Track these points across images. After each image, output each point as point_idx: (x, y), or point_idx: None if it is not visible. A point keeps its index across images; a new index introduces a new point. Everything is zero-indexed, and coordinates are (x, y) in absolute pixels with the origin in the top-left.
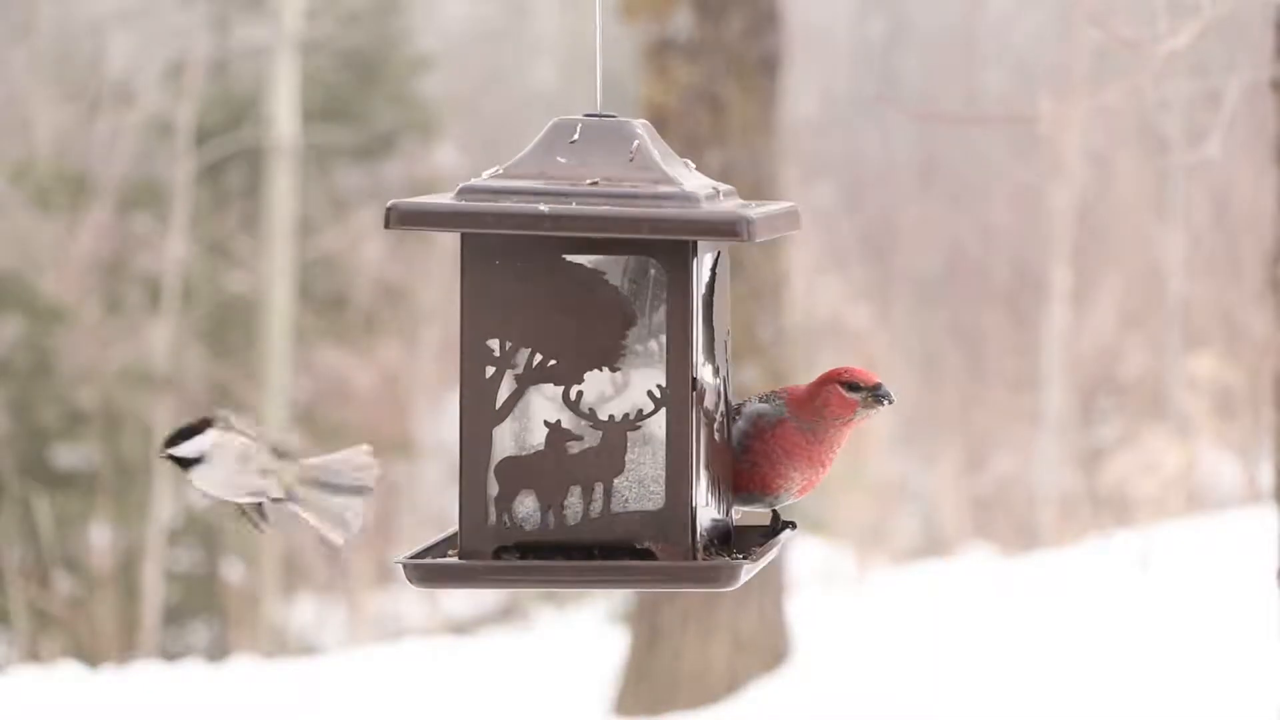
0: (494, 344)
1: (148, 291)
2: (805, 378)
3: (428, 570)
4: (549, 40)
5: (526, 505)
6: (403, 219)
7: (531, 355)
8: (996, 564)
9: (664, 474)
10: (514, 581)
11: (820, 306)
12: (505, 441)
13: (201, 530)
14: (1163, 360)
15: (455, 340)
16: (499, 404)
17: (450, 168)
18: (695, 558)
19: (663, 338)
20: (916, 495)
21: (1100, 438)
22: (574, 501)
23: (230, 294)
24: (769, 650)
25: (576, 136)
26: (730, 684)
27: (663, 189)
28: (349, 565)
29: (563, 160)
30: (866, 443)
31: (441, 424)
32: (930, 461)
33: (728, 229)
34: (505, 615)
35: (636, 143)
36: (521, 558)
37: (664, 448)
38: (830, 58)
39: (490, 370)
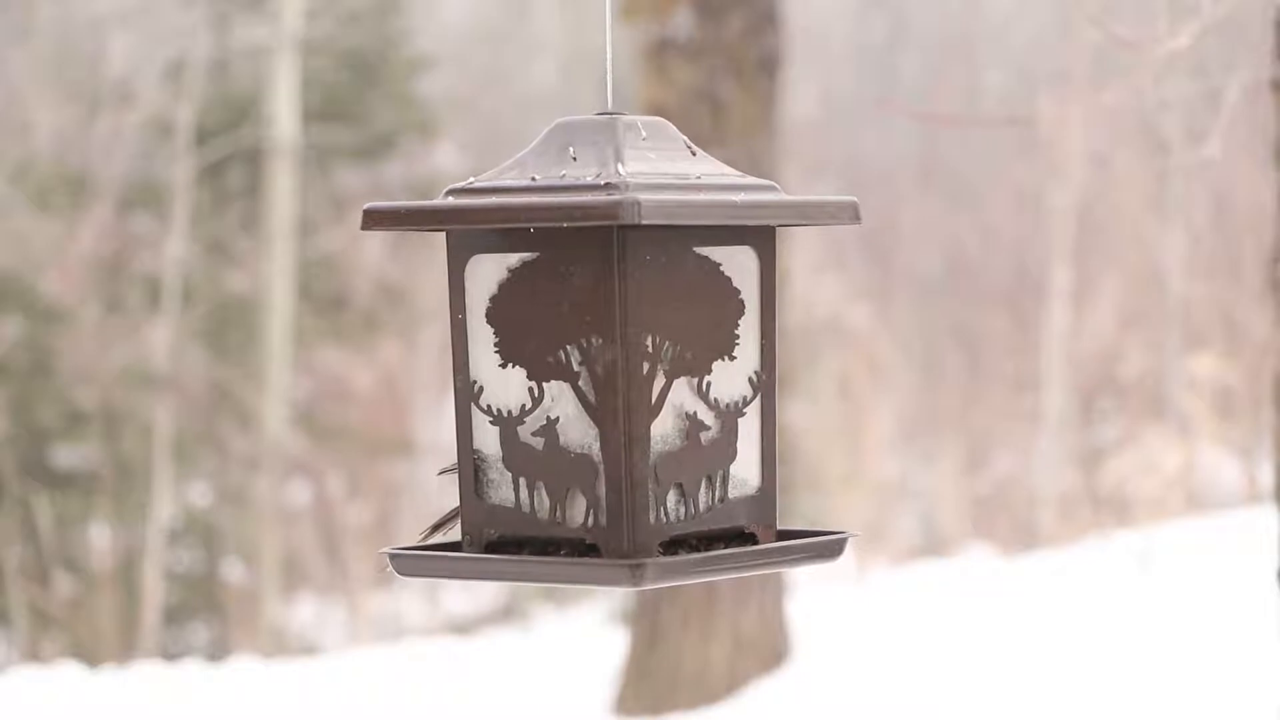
0: (648, 340)
1: (148, 291)
2: (805, 378)
3: (654, 569)
4: (549, 40)
5: (671, 499)
6: (649, 214)
7: (673, 348)
8: (996, 564)
9: (759, 458)
10: (687, 575)
11: (820, 306)
12: (657, 436)
13: (201, 530)
14: (1163, 360)
15: (609, 338)
16: (654, 400)
17: (450, 168)
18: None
19: (758, 325)
20: (916, 495)
21: (1100, 438)
22: (703, 491)
23: (230, 294)
24: (769, 650)
25: (645, 135)
26: (730, 684)
27: (749, 180)
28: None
29: (653, 156)
30: (866, 443)
31: (442, 424)
32: (930, 461)
33: (849, 214)
34: (505, 615)
35: (684, 139)
36: (664, 552)
37: (759, 432)
38: (830, 58)
39: (646, 366)
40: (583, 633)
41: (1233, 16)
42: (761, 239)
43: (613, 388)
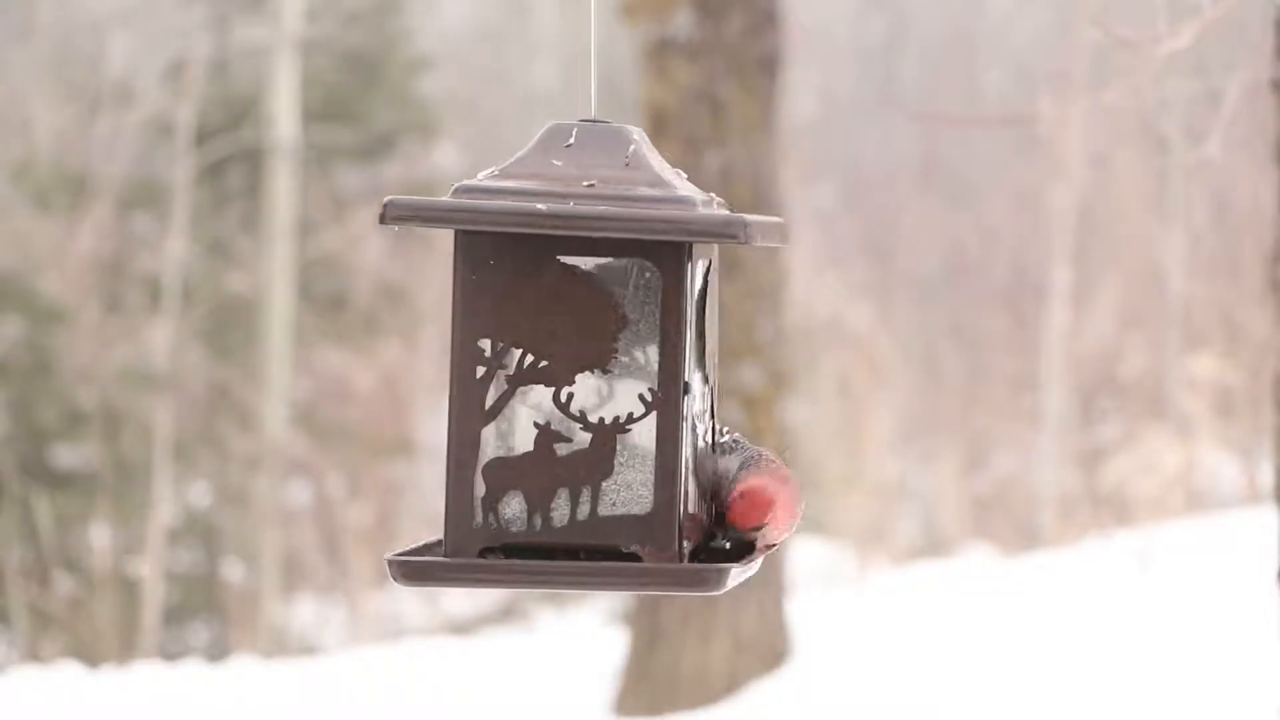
0: (485, 344)
1: (148, 291)
2: (805, 378)
3: (414, 568)
4: (549, 40)
5: (513, 507)
6: (398, 215)
7: (523, 356)
8: (996, 564)
9: (652, 478)
10: (499, 581)
11: (820, 306)
12: (493, 442)
13: (201, 530)
14: (1163, 360)
15: (449, 340)
16: (488, 405)
17: (450, 168)
18: (681, 561)
19: (655, 341)
20: (916, 495)
21: (1100, 438)
22: (561, 504)
23: (230, 294)
24: (769, 650)
25: (572, 140)
26: (730, 684)
27: (658, 192)
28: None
29: (559, 163)
30: (866, 443)
31: (441, 424)
32: (930, 461)
33: (724, 231)
34: (505, 615)
35: (632, 147)
36: (507, 559)
37: (653, 452)
38: (830, 58)
39: (481, 370)
40: (583, 633)
41: (1233, 16)
42: (665, 254)
43: (450, 390)
